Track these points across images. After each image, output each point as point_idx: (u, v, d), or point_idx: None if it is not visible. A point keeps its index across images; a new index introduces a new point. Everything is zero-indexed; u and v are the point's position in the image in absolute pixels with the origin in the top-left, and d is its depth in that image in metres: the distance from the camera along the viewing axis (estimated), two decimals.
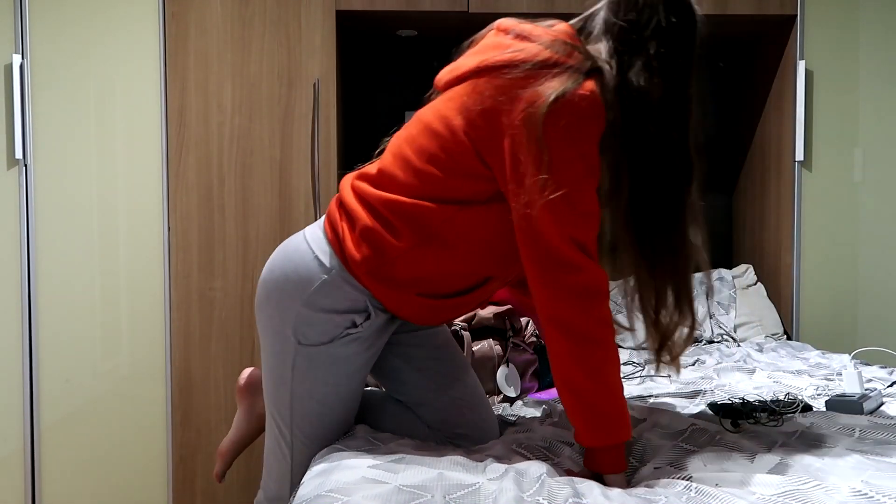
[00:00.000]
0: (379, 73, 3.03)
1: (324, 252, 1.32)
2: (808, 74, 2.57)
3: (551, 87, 1.16)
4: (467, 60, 1.29)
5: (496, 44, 1.28)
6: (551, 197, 1.16)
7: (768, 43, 2.75)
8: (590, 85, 1.17)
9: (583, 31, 1.29)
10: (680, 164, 1.27)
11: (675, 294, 1.30)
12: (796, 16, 2.54)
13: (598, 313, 1.21)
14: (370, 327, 1.35)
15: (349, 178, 1.39)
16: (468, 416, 1.46)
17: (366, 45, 2.86)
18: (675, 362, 1.32)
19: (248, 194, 2.39)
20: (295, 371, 1.34)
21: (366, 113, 2.97)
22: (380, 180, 1.32)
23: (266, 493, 1.46)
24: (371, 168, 1.36)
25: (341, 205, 1.35)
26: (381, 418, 1.49)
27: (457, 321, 1.84)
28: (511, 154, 1.19)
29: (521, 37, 1.25)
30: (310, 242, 1.34)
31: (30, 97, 2.27)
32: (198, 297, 2.38)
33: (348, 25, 2.58)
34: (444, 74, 1.34)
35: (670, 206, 1.27)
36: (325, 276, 1.30)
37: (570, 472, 1.25)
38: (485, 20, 2.55)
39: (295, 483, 1.39)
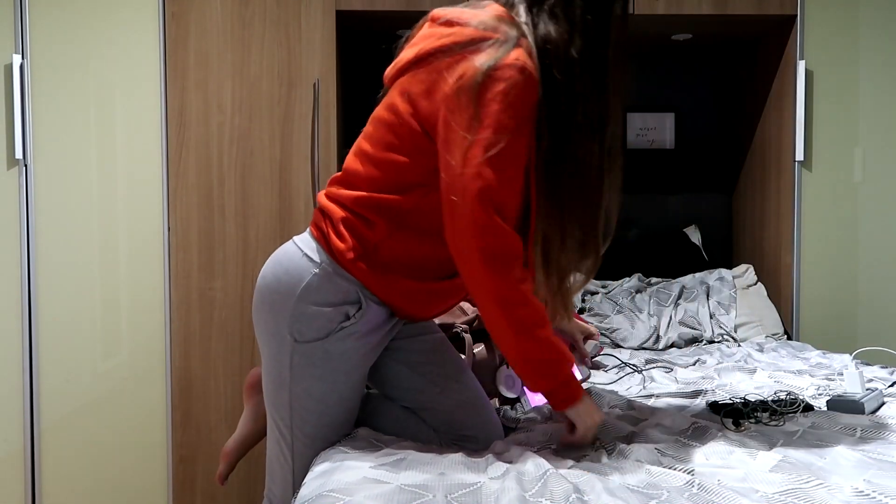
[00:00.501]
0: (379, 73, 3.02)
1: (311, 249, 1.37)
2: (808, 74, 2.57)
3: (481, 60, 1.22)
4: (406, 53, 1.36)
5: (429, 34, 1.34)
6: (477, 162, 1.21)
7: (768, 43, 2.75)
8: (517, 53, 1.22)
9: (507, 3, 1.33)
10: (590, 113, 1.29)
11: (581, 239, 1.34)
12: (796, 16, 2.54)
13: (516, 276, 1.25)
14: (364, 320, 1.36)
15: (324, 190, 1.47)
16: (473, 417, 1.46)
17: (366, 45, 2.86)
18: (566, 302, 1.38)
19: (248, 194, 2.38)
20: (293, 370, 1.36)
21: (366, 113, 2.96)
22: (346, 179, 1.39)
23: (270, 500, 1.46)
24: (339, 173, 1.44)
25: (321, 209, 1.42)
26: (384, 423, 1.50)
27: (458, 323, 1.84)
28: (444, 124, 1.25)
29: (451, 22, 1.31)
30: (298, 244, 1.39)
31: (30, 97, 2.27)
32: (198, 297, 2.38)
33: (348, 25, 2.58)
34: (389, 70, 1.42)
35: (583, 155, 1.30)
36: (316, 270, 1.34)
37: (564, 439, 1.33)
38: None
39: (297, 485, 1.40)
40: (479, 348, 1.84)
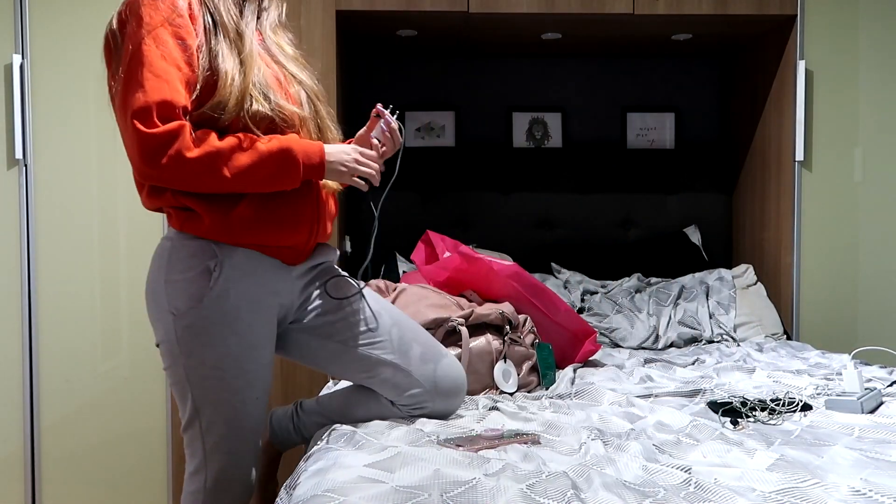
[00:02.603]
0: (379, 73, 3.03)
1: (166, 233, 1.47)
2: (808, 74, 2.57)
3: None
4: None
5: None
6: (120, 99, 1.35)
7: (768, 43, 2.75)
8: None
9: None
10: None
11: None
12: (796, 16, 2.54)
13: (189, 150, 1.31)
14: (229, 268, 1.39)
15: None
16: (428, 373, 1.55)
17: (366, 45, 2.86)
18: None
19: None
20: (180, 343, 1.40)
21: (365, 113, 2.97)
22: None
23: (188, 469, 1.48)
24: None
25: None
26: (351, 412, 1.58)
27: (454, 317, 1.84)
28: (109, 89, 1.40)
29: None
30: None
31: (30, 97, 2.27)
32: None
33: (348, 25, 2.58)
34: None
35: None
36: (170, 244, 1.43)
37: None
38: (485, 20, 2.57)
39: (209, 459, 1.43)
40: (476, 342, 1.84)
